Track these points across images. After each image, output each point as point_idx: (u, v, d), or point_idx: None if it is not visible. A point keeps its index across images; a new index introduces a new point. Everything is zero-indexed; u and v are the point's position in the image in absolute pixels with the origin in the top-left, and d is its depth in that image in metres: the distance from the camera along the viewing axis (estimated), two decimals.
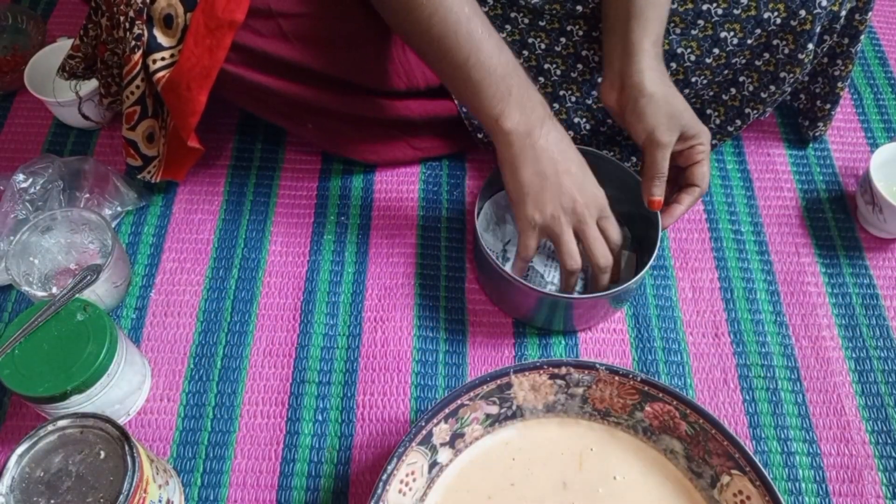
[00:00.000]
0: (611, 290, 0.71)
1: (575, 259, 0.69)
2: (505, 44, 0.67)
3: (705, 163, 0.72)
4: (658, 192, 0.72)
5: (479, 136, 0.85)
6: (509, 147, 0.67)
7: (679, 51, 0.76)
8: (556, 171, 0.67)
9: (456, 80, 0.67)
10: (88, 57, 0.76)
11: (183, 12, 0.64)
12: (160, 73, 0.67)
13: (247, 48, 0.68)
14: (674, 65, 0.76)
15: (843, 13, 0.73)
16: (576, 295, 0.75)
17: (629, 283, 0.70)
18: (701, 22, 0.73)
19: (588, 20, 0.78)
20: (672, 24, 0.74)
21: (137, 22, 0.65)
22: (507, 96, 0.66)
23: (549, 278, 0.76)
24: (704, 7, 0.73)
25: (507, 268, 0.78)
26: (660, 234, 0.73)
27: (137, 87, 0.70)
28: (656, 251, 0.72)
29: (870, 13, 0.77)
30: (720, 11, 0.72)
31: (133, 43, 0.66)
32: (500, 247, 0.80)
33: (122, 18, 0.66)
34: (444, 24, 0.63)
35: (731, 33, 0.73)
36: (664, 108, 0.69)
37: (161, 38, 0.66)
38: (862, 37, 0.80)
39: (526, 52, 0.81)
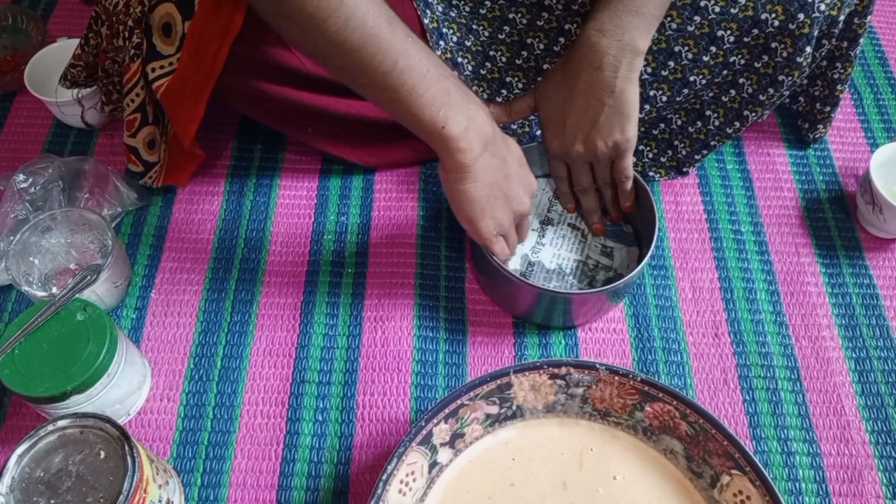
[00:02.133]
0: (609, 286, 0.71)
1: (508, 252, 0.72)
2: (428, 48, 0.61)
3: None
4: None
5: None
6: (460, 155, 0.61)
7: (676, 49, 0.76)
8: (507, 176, 0.66)
9: (386, 91, 0.59)
10: (90, 66, 0.76)
11: (181, 21, 0.64)
12: (159, 81, 0.67)
13: (245, 55, 0.68)
14: (672, 63, 0.77)
15: (842, 18, 0.73)
16: (574, 290, 0.76)
17: (627, 277, 0.71)
18: (697, 18, 0.73)
19: (585, 18, 0.78)
20: (668, 19, 0.74)
21: (136, 31, 0.65)
22: (447, 100, 0.59)
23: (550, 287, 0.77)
24: (702, 3, 0.73)
25: (510, 264, 0.78)
26: (656, 232, 0.73)
27: (137, 94, 0.70)
28: (652, 248, 0.73)
29: (869, 17, 0.77)
30: (717, 9, 0.72)
31: (132, 51, 0.66)
32: None
33: (121, 27, 0.66)
34: (362, 29, 0.56)
35: (728, 31, 0.73)
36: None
37: (160, 47, 0.66)
38: (861, 40, 0.80)
39: (525, 53, 0.81)
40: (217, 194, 0.87)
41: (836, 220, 0.87)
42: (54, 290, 0.73)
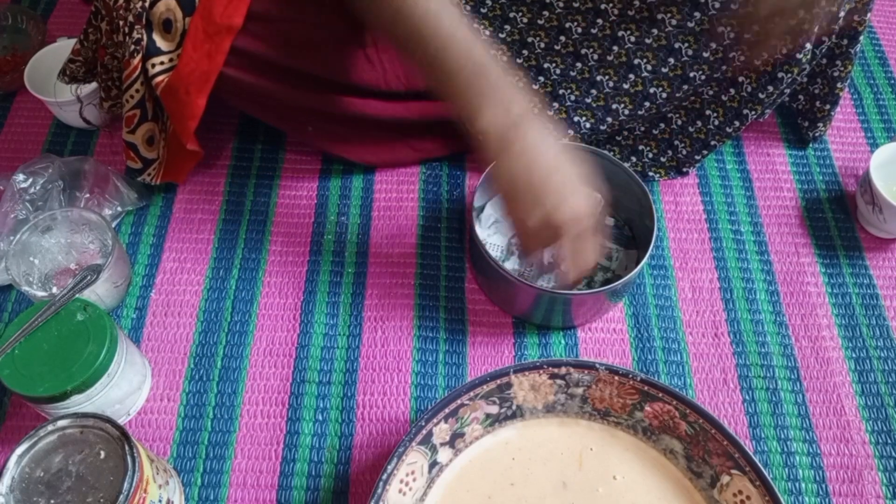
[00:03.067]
0: (608, 286, 0.71)
1: (586, 260, 0.65)
2: (480, 40, 0.62)
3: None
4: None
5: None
6: (486, 148, 0.63)
7: (676, 45, 0.76)
8: (540, 174, 0.62)
9: (430, 79, 0.64)
10: (89, 61, 0.76)
11: (182, 17, 0.64)
12: (159, 78, 0.67)
13: (246, 52, 0.68)
14: (672, 60, 0.77)
15: (842, 14, 0.73)
16: (573, 291, 0.76)
17: (626, 277, 0.71)
18: (697, 14, 0.73)
19: (585, 16, 0.78)
20: (668, 15, 0.74)
21: (136, 26, 0.65)
22: (479, 94, 0.62)
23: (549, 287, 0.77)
24: (702, 0, 0.73)
25: (509, 264, 0.78)
26: (655, 231, 0.73)
27: (137, 90, 0.70)
28: (651, 248, 0.73)
29: (868, 14, 0.77)
30: (717, 5, 0.72)
31: (132, 47, 0.66)
32: (505, 241, 0.80)
33: (121, 23, 0.66)
34: (410, 19, 0.60)
35: (728, 28, 0.73)
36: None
37: (160, 43, 0.66)
38: (861, 37, 0.80)
39: (526, 52, 0.81)
40: (217, 194, 0.87)
41: (836, 220, 0.87)
42: (54, 290, 0.73)
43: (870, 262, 0.84)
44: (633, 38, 0.78)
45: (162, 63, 0.67)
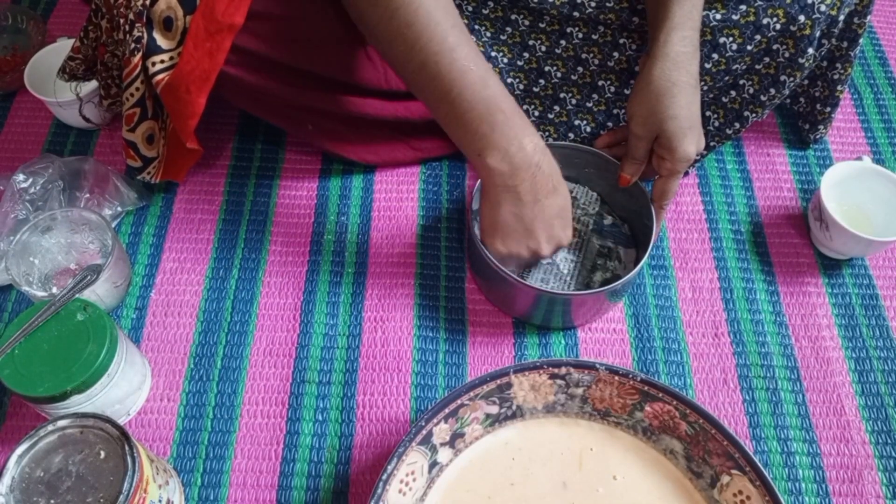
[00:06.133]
0: (608, 286, 0.71)
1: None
2: (494, 76, 0.64)
3: (669, 180, 0.72)
4: (627, 171, 0.74)
5: None
6: (491, 184, 0.66)
7: None
8: (534, 216, 0.67)
9: (439, 113, 0.65)
10: (89, 59, 0.76)
11: (182, 15, 0.64)
12: (160, 76, 0.67)
13: (246, 50, 0.68)
14: None
15: (842, 18, 0.73)
16: (572, 291, 0.76)
17: (626, 277, 0.71)
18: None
19: (587, 23, 0.78)
20: None
21: (137, 24, 0.65)
22: (489, 133, 0.63)
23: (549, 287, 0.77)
24: (703, 12, 0.72)
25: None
26: (655, 231, 0.73)
27: (137, 89, 0.70)
28: (651, 247, 0.73)
29: (868, 16, 0.77)
30: (718, 17, 0.72)
31: (133, 45, 0.66)
32: None
33: (121, 21, 0.66)
34: (424, 53, 0.61)
35: (730, 38, 0.73)
36: (651, 103, 0.68)
37: (160, 41, 0.66)
38: (861, 40, 0.80)
39: (527, 55, 0.81)
40: (217, 194, 0.87)
41: None
42: (54, 290, 0.73)
43: (869, 262, 0.84)
44: (634, 46, 0.78)
45: (162, 61, 0.66)
